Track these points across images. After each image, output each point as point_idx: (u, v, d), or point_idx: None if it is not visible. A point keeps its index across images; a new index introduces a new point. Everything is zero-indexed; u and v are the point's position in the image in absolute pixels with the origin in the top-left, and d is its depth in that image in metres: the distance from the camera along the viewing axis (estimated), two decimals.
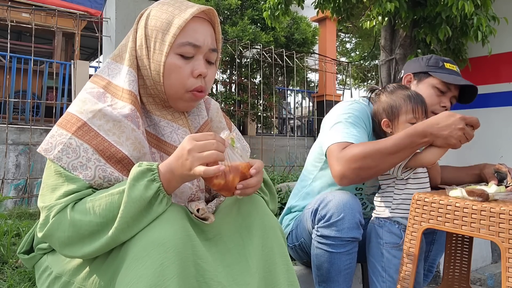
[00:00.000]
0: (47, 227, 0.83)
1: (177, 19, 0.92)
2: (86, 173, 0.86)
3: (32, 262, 1.03)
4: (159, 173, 0.82)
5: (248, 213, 0.93)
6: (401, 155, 1.30)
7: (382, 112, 1.44)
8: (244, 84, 6.04)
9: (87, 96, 0.93)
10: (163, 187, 0.82)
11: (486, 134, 3.17)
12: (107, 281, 0.83)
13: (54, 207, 0.83)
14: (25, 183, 4.02)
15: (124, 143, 0.89)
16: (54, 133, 0.89)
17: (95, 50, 9.14)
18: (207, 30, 0.96)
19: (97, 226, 0.81)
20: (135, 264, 0.77)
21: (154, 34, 0.93)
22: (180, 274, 0.77)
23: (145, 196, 0.80)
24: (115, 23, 3.18)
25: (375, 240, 1.41)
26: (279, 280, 0.90)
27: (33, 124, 4.84)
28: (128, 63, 0.96)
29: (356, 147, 1.32)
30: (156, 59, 0.93)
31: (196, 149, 0.80)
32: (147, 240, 0.79)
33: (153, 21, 0.94)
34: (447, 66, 1.62)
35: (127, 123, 0.90)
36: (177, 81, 0.94)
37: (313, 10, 3.51)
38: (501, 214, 1.07)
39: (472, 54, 3.20)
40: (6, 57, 4.22)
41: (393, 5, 2.55)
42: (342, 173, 1.32)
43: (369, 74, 10.18)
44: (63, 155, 0.86)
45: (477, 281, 2.46)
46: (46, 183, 0.88)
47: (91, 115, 0.89)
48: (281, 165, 5.22)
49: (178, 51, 0.93)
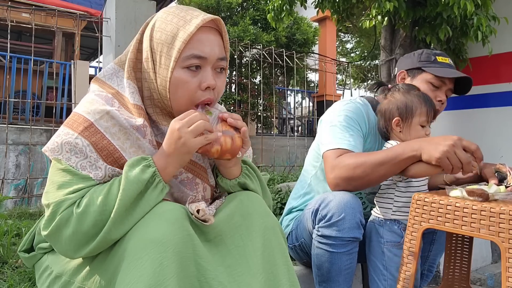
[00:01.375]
0: (54, 223, 0.82)
1: (182, 32, 0.89)
2: (96, 172, 0.86)
3: (32, 261, 1.03)
4: (153, 159, 0.87)
5: (248, 213, 0.93)
6: (390, 167, 1.29)
7: (396, 110, 1.42)
8: (244, 84, 6.04)
9: (95, 97, 0.92)
10: (159, 173, 0.85)
11: (486, 134, 3.17)
12: (107, 280, 0.83)
13: (63, 202, 0.82)
14: (25, 183, 4.02)
15: (127, 150, 0.90)
16: (60, 133, 0.88)
17: (95, 50, 9.15)
18: (213, 40, 0.93)
19: (100, 214, 0.81)
20: (134, 263, 0.77)
21: (160, 48, 0.91)
22: (179, 273, 0.77)
23: (141, 179, 0.82)
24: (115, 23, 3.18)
25: (375, 239, 1.41)
26: (281, 281, 0.90)
27: (33, 124, 4.84)
28: (126, 75, 0.95)
29: (350, 157, 1.34)
30: (162, 74, 0.91)
31: (185, 125, 0.83)
32: (146, 239, 0.79)
33: (158, 34, 0.91)
34: (439, 60, 1.60)
35: (132, 131, 0.90)
36: (185, 96, 0.92)
37: (313, 10, 3.52)
38: (501, 214, 1.07)
39: (472, 54, 3.20)
40: (6, 57, 4.21)
41: (392, 4, 2.55)
42: (335, 182, 1.36)
43: (369, 74, 10.18)
44: (71, 155, 0.85)
45: (477, 281, 2.46)
46: (52, 181, 0.87)
47: (98, 116, 0.88)
48: (281, 165, 5.22)
49: (184, 64, 0.90)
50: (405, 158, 1.27)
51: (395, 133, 1.44)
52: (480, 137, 3.20)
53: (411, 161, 1.27)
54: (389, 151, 1.31)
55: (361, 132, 1.49)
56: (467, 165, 1.20)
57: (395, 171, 1.31)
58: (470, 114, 3.29)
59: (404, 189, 1.39)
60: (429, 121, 1.40)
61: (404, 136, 1.41)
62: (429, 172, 1.27)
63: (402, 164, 1.28)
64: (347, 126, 1.45)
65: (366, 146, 1.53)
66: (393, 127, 1.44)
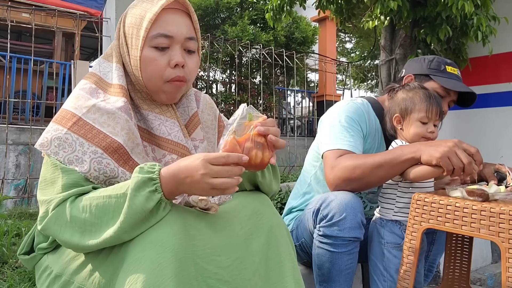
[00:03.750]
0: (45, 220, 0.86)
1: (149, 13, 0.94)
2: (81, 166, 0.88)
3: (32, 262, 1.03)
4: (160, 181, 0.81)
5: (255, 211, 0.94)
6: (389, 170, 1.29)
7: (396, 107, 1.43)
8: (244, 84, 6.04)
9: (80, 92, 0.96)
10: (165, 196, 0.82)
11: (486, 134, 3.17)
12: (107, 280, 0.83)
13: (53, 200, 0.85)
14: (25, 183, 4.02)
15: (119, 133, 0.91)
16: (49, 129, 0.91)
17: (95, 50, 9.14)
18: (180, 20, 0.97)
19: (90, 226, 0.82)
20: (134, 264, 0.77)
21: (130, 31, 0.97)
22: (178, 274, 0.77)
23: (146, 208, 0.79)
24: (115, 23, 3.18)
25: (377, 239, 1.41)
26: (285, 278, 0.91)
27: (33, 124, 4.84)
28: (115, 60, 1.00)
29: (349, 159, 1.35)
30: (133, 55, 0.96)
31: (211, 174, 0.79)
32: (145, 240, 0.79)
33: (129, 19, 0.98)
34: (448, 70, 1.61)
35: (121, 114, 0.92)
36: (154, 73, 0.96)
37: (313, 10, 3.52)
38: (501, 214, 1.07)
39: (472, 54, 3.20)
40: (6, 57, 4.22)
41: (396, 3, 2.55)
42: (334, 182, 1.36)
43: (369, 74, 10.18)
44: (59, 149, 0.88)
45: (477, 281, 2.46)
46: (45, 177, 0.90)
47: (85, 110, 0.92)
48: (281, 165, 5.22)
49: (152, 43, 0.95)
50: (404, 160, 1.27)
51: (398, 131, 1.44)
52: (480, 137, 3.20)
53: (410, 163, 1.27)
54: (388, 153, 1.31)
55: (361, 132, 1.49)
56: (468, 165, 1.19)
57: (394, 173, 1.31)
58: (470, 114, 3.28)
59: (406, 190, 1.38)
60: (431, 118, 1.38)
61: (405, 133, 1.41)
62: (429, 175, 1.25)
63: (401, 166, 1.28)
64: (348, 126, 1.46)
65: (366, 147, 1.53)
66: (394, 124, 1.44)
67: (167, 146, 0.99)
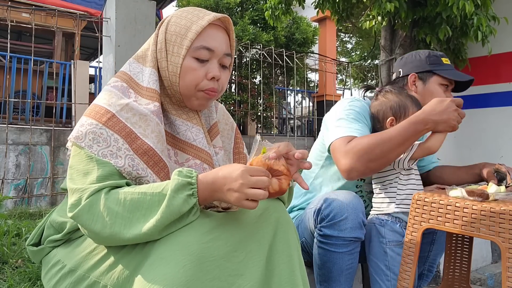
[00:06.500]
0: (78, 208, 0.85)
1: (195, 25, 0.99)
2: (116, 161, 0.90)
3: (40, 255, 1.04)
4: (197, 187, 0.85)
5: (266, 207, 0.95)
6: (407, 144, 1.32)
7: (389, 110, 1.46)
8: (244, 84, 6.04)
9: (112, 89, 0.99)
10: (198, 202, 0.85)
11: (486, 134, 3.17)
12: (127, 276, 0.84)
13: (87, 189, 0.86)
14: (25, 183, 4.02)
15: (149, 135, 0.94)
16: (83, 123, 0.93)
17: (95, 50, 9.14)
18: (222, 37, 1.03)
19: (121, 219, 0.83)
20: (158, 262, 0.79)
21: (173, 39, 1.00)
22: (201, 277, 0.79)
23: (181, 210, 0.83)
24: (115, 23, 3.17)
25: (377, 239, 1.41)
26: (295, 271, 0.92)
27: (33, 124, 4.84)
28: (151, 64, 1.03)
29: (362, 139, 1.33)
30: (173, 61, 1.00)
31: (248, 184, 0.82)
32: (172, 241, 0.81)
33: (173, 27, 1.01)
34: (444, 62, 1.67)
35: (152, 117, 0.96)
36: (191, 82, 1.00)
37: (313, 10, 3.52)
38: (501, 214, 1.07)
39: (472, 54, 3.20)
40: (6, 57, 4.22)
41: (393, 5, 2.55)
42: (351, 166, 1.32)
43: (369, 74, 10.18)
44: (93, 143, 0.90)
45: (477, 281, 2.46)
46: (77, 168, 0.90)
47: (119, 108, 0.94)
48: None
49: (194, 54, 0.99)
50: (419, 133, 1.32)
51: None
52: (480, 137, 3.20)
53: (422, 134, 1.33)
54: (402, 129, 1.32)
55: (368, 124, 1.49)
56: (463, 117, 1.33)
57: (407, 148, 1.34)
58: (470, 114, 3.27)
59: (405, 182, 1.42)
60: None
61: None
62: (444, 139, 1.34)
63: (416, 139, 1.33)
64: (355, 118, 1.45)
65: None
66: (387, 127, 1.45)
67: (191, 151, 1.03)
